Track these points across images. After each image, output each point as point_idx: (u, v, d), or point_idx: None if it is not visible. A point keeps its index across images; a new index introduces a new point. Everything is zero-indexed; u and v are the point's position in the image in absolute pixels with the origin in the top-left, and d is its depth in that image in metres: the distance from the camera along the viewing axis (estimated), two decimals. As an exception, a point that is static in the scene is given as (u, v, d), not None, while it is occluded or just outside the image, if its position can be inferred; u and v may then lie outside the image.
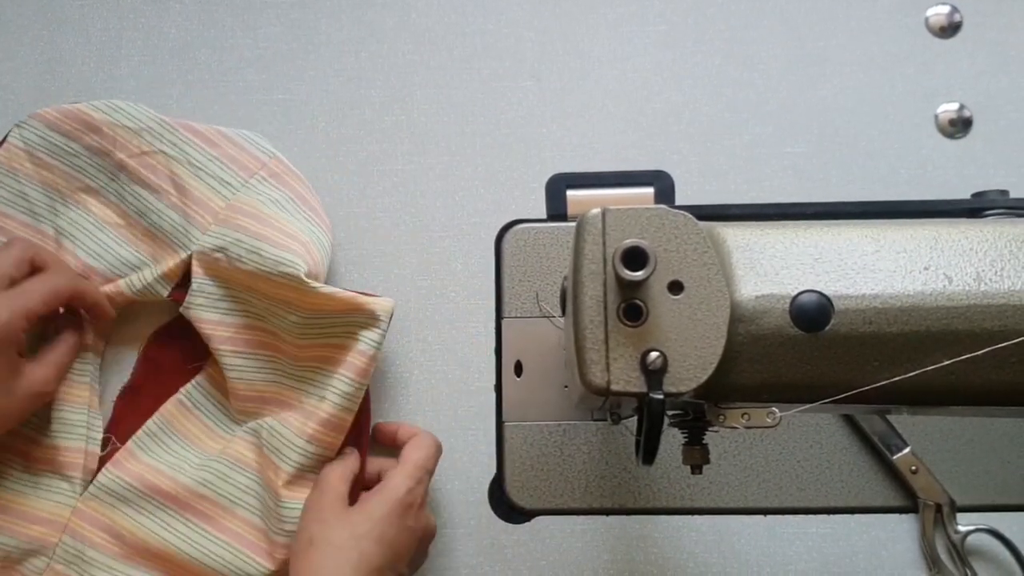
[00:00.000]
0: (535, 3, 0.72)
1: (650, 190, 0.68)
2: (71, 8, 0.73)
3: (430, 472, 0.60)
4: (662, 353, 0.42)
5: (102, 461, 0.64)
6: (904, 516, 0.63)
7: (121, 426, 0.66)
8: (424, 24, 0.72)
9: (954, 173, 0.68)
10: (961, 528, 0.61)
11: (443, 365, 0.67)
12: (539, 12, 0.72)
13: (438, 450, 0.61)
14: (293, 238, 0.63)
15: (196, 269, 0.64)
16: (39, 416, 0.63)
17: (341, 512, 0.56)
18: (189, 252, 0.64)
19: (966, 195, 0.65)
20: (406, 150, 0.70)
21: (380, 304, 0.61)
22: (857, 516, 0.63)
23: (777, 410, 0.44)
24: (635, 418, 0.48)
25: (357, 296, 0.61)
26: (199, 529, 0.62)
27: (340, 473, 0.59)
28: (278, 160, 0.67)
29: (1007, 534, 0.61)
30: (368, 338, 0.60)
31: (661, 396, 0.42)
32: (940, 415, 0.62)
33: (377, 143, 0.70)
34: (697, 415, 0.49)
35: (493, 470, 0.65)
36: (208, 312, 0.64)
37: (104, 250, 0.66)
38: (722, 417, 0.45)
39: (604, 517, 0.64)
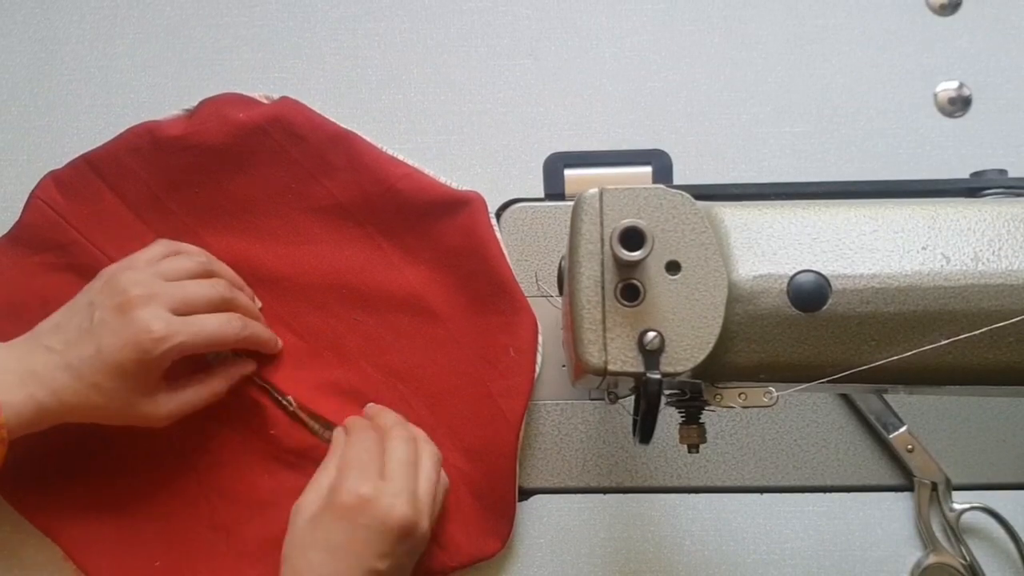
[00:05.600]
0: (533, -20, 0.72)
1: (648, 169, 0.68)
2: (65, -15, 0.73)
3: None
4: (659, 333, 0.42)
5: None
6: (900, 494, 0.63)
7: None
8: (421, 2, 0.72)
9: (953, 152, 0.68)
10: (956, 506, 0.62)
11: (441, 345, 0.67)
12: (537, -10, 0.72)
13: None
14: None
15: None
16: None
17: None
18: None
19: (964, 174, 0.65)
20: (403, 129, 0.70)
21: None
22: (853, 494, 0.63)
23: (774, 389, 0.45)
24: (632, 397, 0.48)
25: None
26: None
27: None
28: None
29: (1002, 512, 0.61)
30: None
31: (658, 376, 0.42)
32: (937, 394, 0.62)
33: (374, 122, 0.70)
34: (694, 395, 0.49)
35: (491, 449, 0.65)
36: None
37: None
38: (719, 397, 0.46)
39: (601, 496, 0.64)
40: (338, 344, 0.65)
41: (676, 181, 0.68)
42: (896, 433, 0.62)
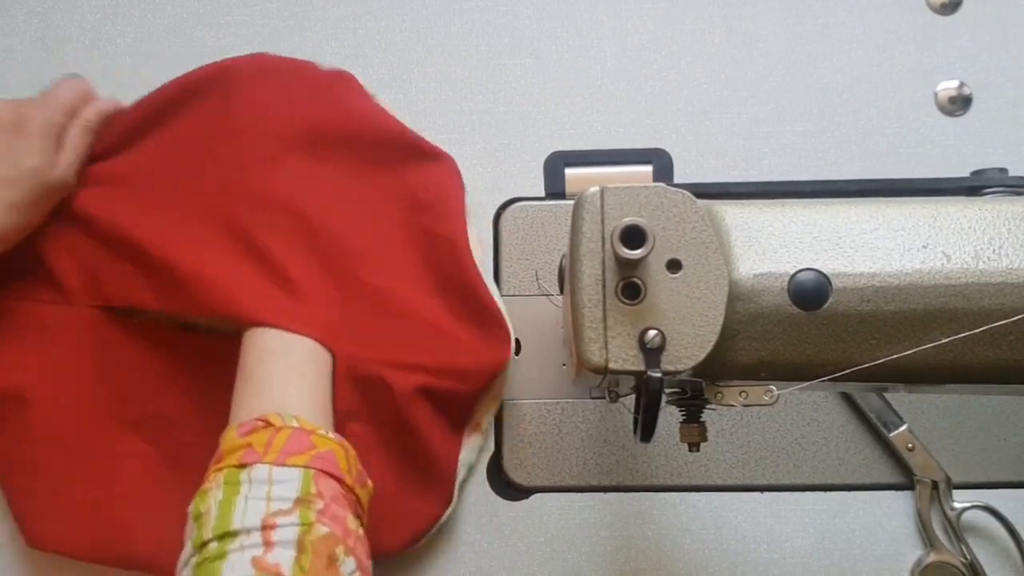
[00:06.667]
0: (533, -20, 0.72)
1: (648, 168, 0.68)
2: (65, -15, 0.73)
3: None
4: (660, 331, 0.42)
5: None
6: (900, 493, 0.63)
7: None
8: (421, 2, 0.72)
9: (953, 151, 0.68)
10: (957, 505, 0.62)
11: (441, 344, 0.67)
12: (537, -11, 0.72)
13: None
14: None
15: None
16: None
17: None
18: None
19: (965, 173, 0.65)
20: (404, 128, 0.70)
21: None
22: (854, 493, 0.63)
23: (775, 388, 0.45)
24: (633, 396, 0.48)
25: None
26: None
27: None
28: None
29: (1002, 511, 0.61)
30: None
31: (659, 374, 0.42)
32: (937, 393, 0.63)
33: (374, 121, 0.70)
34: (695, 393, 0.49)
35: (492, 448, 0.65)
36: None
37: None
38: (720, 395, 0.46)
39: (602, 494, 0.64)
40: (261, 250, 0.61)
41: (676, 180, 0.68)
42: (896, 432, 0.62)
